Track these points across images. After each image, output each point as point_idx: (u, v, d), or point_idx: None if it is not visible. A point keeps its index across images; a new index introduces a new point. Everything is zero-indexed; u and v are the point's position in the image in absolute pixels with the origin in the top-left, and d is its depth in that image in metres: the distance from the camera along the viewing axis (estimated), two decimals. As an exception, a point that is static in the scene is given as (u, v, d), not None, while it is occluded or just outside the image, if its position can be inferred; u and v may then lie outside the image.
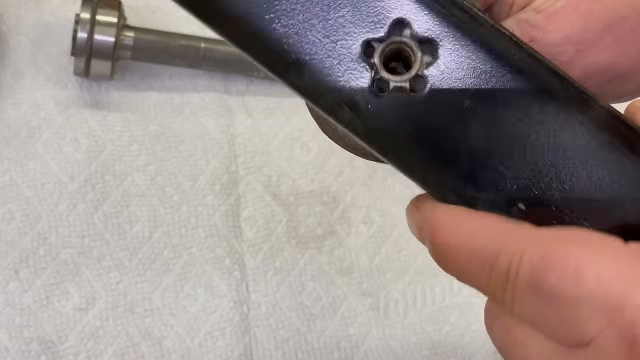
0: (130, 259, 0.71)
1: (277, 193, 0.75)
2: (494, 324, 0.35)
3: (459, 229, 0.36)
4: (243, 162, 0.76)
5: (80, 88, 0.75)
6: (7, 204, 0.70)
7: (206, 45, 0.75)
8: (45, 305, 0.68)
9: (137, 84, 0.76)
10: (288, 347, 0.72)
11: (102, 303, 0.70)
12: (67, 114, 0.74)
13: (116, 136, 0.74)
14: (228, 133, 0.76)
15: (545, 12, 0.39)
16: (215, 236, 0.73)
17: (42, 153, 0.72)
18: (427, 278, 0.77)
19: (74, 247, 0.70)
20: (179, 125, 0.76)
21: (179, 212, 0.73)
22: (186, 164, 0.75)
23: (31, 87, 0.74)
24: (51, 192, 0.71)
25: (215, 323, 0.71)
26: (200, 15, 0.39)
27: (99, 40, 0.71)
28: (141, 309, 0.70)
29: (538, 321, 0.33)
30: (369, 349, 0.74)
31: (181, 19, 0.79)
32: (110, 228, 0.71)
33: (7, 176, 0.71)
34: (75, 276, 0.70)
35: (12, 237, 0.69)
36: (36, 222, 0.70)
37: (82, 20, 0.71)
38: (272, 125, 0.78)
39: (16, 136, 0.72)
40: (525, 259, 0.33)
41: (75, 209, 0.71)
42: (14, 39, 0.75)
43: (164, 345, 0.70)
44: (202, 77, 0.78)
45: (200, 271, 0.72)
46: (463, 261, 0.35)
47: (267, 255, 0.74)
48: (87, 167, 0.73)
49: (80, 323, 0.69)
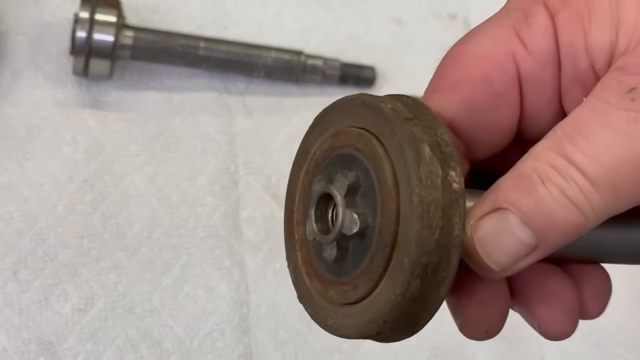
0: (129, 259, 0.71)
1: (277, 193, 0.75)
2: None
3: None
4: (242, 162, 0.76)
5: (79, 87, 0.75)
6: (6, 204, 0.70)
7: (205, 44, 0.75)
8: (43, 305, 0.68)
9: (136, 84, 0.76)
10: (288, 348, 0.72)
11: (101, 303, 0.69)
12: (66, 113, 0.74)
13: (115, 136, 0.74)
14: (227, 133, 0.76)
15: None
16: (214, 236, 0.73)
17: (41, 153, 0.72)
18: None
19: (73, 247, 0.70)
20: (178, 125, 0.76)
21: (178, 212, 0.73)
22: (185, 164, 0.75)
23: (30, 86, 0.74)
24: (50, 192, 0.71)
25: (214, 324, 0.71)
26: None
27: (97, 40, 0.71)
28: (140, 310, 0.70)
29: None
30: (369, 349, 0.73)
31: (180, 18, 0.79)
32: (109, 228, 0.71)
33: (5, 176, 0.71)
34: (73, 276, 0.69)
35: (11, 237, 0.69)
36: (34, 223, 0.70)
37: (81, 20, 0.71)
38: (271, 125, 0.78)
39: (14, 136, 0.72)
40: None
41: (73, 209, 0.71)
42: (13, 38, 0.75)
43: (163, 346, 0.70)
44: (201, 76, 0.78)
45: (200, 271, 0.72)
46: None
47: (267, 256, 0.74)
48: (86, 166, 0.72)
49: (79, 323, 0.69)
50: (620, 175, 0.33)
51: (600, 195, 0.33)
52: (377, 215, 0.34)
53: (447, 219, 0.32)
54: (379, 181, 0.34)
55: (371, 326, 0.34)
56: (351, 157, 0.35)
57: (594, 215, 0.34)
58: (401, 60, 0.83)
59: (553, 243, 0.34)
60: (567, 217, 0.33)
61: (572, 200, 0.33)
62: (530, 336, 0.76)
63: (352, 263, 0.35)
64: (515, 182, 0.34)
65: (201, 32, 0.77)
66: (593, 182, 0.33)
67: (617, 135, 0.33)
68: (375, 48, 0.83)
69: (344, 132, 0.36)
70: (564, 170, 0.33)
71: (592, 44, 0.36)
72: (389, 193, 0.33)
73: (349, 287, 0.35)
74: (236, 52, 0.76)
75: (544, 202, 0.33)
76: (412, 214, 0.32)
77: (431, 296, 0.33)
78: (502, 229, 0.34)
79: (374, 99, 0.35)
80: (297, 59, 0.78)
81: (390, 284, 0.33)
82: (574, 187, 0.33)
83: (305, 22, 0.82)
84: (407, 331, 0.35)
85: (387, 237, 0.33)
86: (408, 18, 0.85)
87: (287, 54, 0.78)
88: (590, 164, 0.33)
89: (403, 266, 0.32)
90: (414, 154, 0.32)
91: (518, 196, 0.34)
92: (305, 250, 0.38)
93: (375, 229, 0.34)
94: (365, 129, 0.35)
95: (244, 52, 0.76)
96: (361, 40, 0.83)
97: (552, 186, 0.33)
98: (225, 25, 0.80)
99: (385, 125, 0.34)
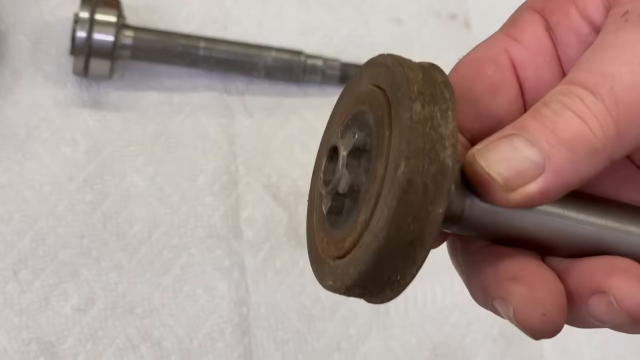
0: (129, 259, 0.71)
1: (277, 193, 0.75)
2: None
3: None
4: (242, 162, 0.76)
5: (79, 87, 0.75)
6: (6, 204, 0.70)
7: (205, 44, 0.75)
8: (43, 305, 0.68)
9: (136, 84, 0.76)
10: (288, 347, 0.72)
11: (101, 303, 0.69)
12: (66, 113, 0.74)
13: (115, 136, 0.74)
14: (227, 133, 0.76)
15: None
16: (214, 236, 0.73)
17: (41, 153, 0.72)
18: (427, 278, 0.76)
19: (73, 247, 0.70)
20: (178, 125, 0.76)
21: (178, 212, 0.73)
22: (185, 164, 0.75)
23: (30, 86, 0.74)
24: (50, 192, 0.71)
25: (214, 324, 0.71)
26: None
27: (97, 40, 0.71)
28: (140, 310, 0.70)
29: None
30: (369, 349, 0.73)
31: (180, 18, 0.79)
32: (109, 228, 0.71)
33: (5, 176, 0.71)
34: (74, 276, 0.69)
35: (11, 237, 0.69)
36: (34, 223, 0.70)
37: (81, 20, 0.71)
38: (271, 125, 0.78)
39: (14, 136, 0.72)
40: None
41: (73, 209, 0.71)
42: (13, 38, 0.75)
43: (163, 346, 0.70)
44: (201, 76, 0.78)
45: (200, 271, 0.72)
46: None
47: (267, 256, 0.74)
48: (86, 167, 0.72)
49: (79, 324, 0.69)
50: (621, 80, 0.33)
51: (600, 102, 0.33)
52: (369, 182, 0.34)
53: (425, 192, 0.32)
54: (377, 147, 0.34)
55: (352, 276, 0.34)
56: (367, 118, 0.36)
57: (598, 125, 0.33)
58: (401, 60, 0.83)
59: (561, 163, 0.33)
60: (569, 127, 0.33)
61: (573, 110, 0.33)
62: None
63: (344, 218, 0.36)
64: (524, 114, 0.35)
65: (201, 32, 0.77)
66: (592, 90, 0.33)
67: (614, 50, 0.34)
68: (375, 48, 0.83)
69: (374, 90, 0.36)
70: (565, 90, 0.34)
71: (584, 7, 0.38)
72: (381, 159, 0.33)
73: (334, 242, 0.36)
74: (236, 52, 0.76)
75: (546, 119, 0.33)
76: (393, 178, 0.32)
77: (408, 263, 0.33)
78: (507, 147, 0.34)
79: (397, 67, 0.34)
80: (297, 59, 0.78)
81: (369, 242, 0.33)
82: (574, 98, 0.33)
83: (305, 22, 0.82)
84: (392, 285, 0.34)
85: (371, 201, 0.33)
86: (408, 18, 0.85)
87: (287, 54, 0.78)
88: (589, 76, 0.34)
89: (377, 227, 0.32)
90: (409, 114, 0.32)
91: (523, 121, 0.34)
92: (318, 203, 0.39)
93: (365, 194, 0.34)
94: (386, 94, 0.35)
95: (244, 52, 0.76)
96: (361, 40, 0.83)
97: (555, 104, 0.34)
98: (225, 25, 0.80)
99: (396, 88, 0.34)
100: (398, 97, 0.33)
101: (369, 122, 0.35)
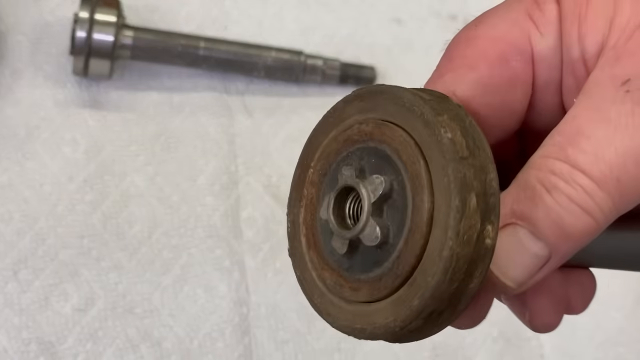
0: (129, 259, 0.71)
1: (277, 193, 0.75)
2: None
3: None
4: (242, 162, 0.76)
5: (79, 87, 0.75)
6: (6, 204, 0.70)
7: (205, 44, 0.75)
8: (43, 305, 0.68)
9: (136, 84, 0.76)
10: (288, 347, 0.72)
11: (101, 303, 0.69)
12: (66, 113, 0.73)
13: (115, 136, 0.74)
14: (227, 133, 0.76)
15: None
16: (214, 236, 0.73)
17: (41, 153, 0.72)
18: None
19: (73, 247, 0.70)
20: (178, 125, 0.76)
21: (178, 213, 0.73)
22: (185, 164, 0.74)
23: (29, 86, 0.74)
24: (50, 192, 0.71)
25: (214, 324, 0.71)
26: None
27: (97, 40, 0.71)
28: (140, 310, 0.70)
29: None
30: (369, 349, 0.73)
31: (180, 18, 0.79)
32: (109, 228, 0.71)
33: (5, 176, 0.71)
34: (74, 276, 0.69)
35: (11, 237, 0.69)
36: (34, 223, 0.70)
37: (81, 19, 0.71)
38: (271, 125, 0.78)
39: (14, 136, 0.72)
40: None
41: (73, 209, 0.71)
42: (13, 38, 0.75)
43: (163, 346, 0.69)
44: (201, 76, 0.77)
45: (200, 271, 0.72)
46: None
47: (267, 256, 0.74)
48: (86, 167, 0.72)
49: (79, 324, 0.69)
50: (626, 171, 0.33)
51: (607, 195, 0.33)
52: (401, 240, 0.33)
53: (469, 275, 0.32)
54: (413, 207, 0.33)
55: (360, 334, 0.34)
56: (390, 160, 0.34)
57: (603, 217, 0.33)
58: (401, 60, 0.83)
59: (566, 251, 0.33)
60: (577, 223, 0.33)
61: (581, 205, 0.33)
62: (530, 336, 0.76)
63: (358, 265, 0.35)
64: (520, 195, 0.33)
65: (201, 32, 0.77)
66: (599, 183, 0.33)
67: (617, 131, 0.33)
68: (375, 48, 0.83)
69: (390, 127, 0.34)
70: (567, 175, 0.33)
71: (584, 33, 0.36)
72: (421, 227, 0.32)
73: (347, 284, 0.35)
74: (236, 52, 0.76)
75: (552, 211, 0.33)
76: (439, 262, 0.31)
77: (427, 333, 0.34)
78: (514, 245, 0.33)
79: (434, 118, 0.32)
80: (297, 59, 0.78)
81: (393, 312, 0.33)
82: (580, 191, 0.33)
83: (305, 22, 0.82)
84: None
85: (404, 268, 0.33)
86: (408, 18, 0.85)
87: (287, 54, 0.77)
88: (594, 164, 0.33)
89: (412, 305, 0.32)
90: (460, 204, 0.31)
91: (525, 209, 0.33)
92: (310, 214, 0.38)
93: (394, 250, 0.33)
94: (414, 139, 0.33)
95: (244, 52, 0.76)
96: (361, 40, 0.83)
97: (558, 194, 0.33)
98: (225, 25, 0.80)
99: (439, 154, 0.32)
100: (440, 162, 0.32)
101: (393, 166, 0.34)
